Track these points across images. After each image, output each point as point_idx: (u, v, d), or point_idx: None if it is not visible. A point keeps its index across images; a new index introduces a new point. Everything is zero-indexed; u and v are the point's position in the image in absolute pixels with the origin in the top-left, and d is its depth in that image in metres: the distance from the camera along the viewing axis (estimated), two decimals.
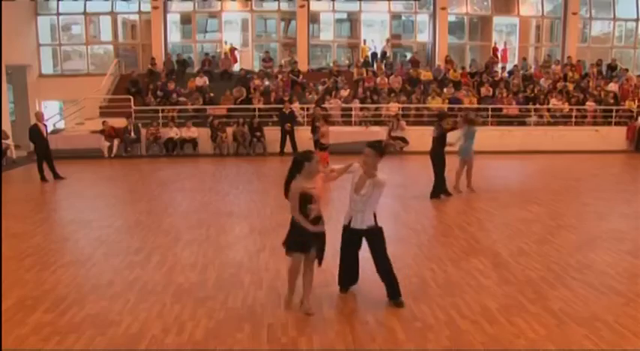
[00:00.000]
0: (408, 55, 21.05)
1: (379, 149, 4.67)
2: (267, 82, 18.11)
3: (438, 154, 9.18)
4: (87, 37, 20.03)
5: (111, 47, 20.41)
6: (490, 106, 17.34)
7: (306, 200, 4.43)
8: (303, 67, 19.47)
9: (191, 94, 17.37)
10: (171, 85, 17.45)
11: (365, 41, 20.34)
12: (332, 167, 4.95)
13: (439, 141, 9.15)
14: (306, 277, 4.69)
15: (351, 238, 4.89)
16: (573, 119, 17.57)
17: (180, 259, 6.12)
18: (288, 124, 15.80)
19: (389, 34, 20.84)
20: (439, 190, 9.32)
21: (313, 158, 4.47)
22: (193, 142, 15.93)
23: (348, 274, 5.05)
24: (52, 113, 18.21)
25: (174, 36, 20.99)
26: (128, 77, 18.28)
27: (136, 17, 20.44)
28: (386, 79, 18.36)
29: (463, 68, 19.48)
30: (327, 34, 21.22)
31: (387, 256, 4.88)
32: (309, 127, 16.25)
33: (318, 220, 4.52)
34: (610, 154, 16.33)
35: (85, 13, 19.58)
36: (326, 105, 16.98)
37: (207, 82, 17.88)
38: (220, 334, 4.24)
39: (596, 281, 5.36)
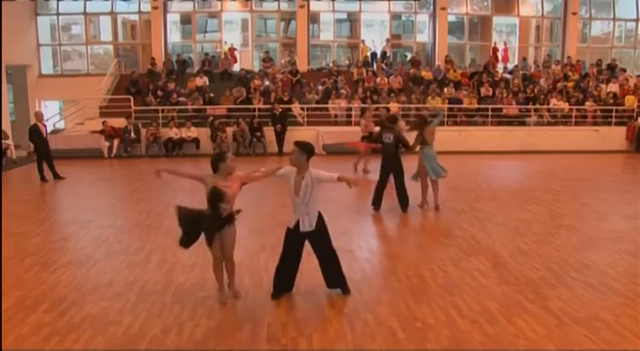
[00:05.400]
0: (409, 55, 21.07)
1: (304, 148, 4.69)
2: (267, 82, 18.12)
3: (397, 160, 8.41)
4: (87, 37, 20.03)
5: (111, 47, 20.39)
6: (490, 106, 17.35)
7: (217, 197, 4.58)
8: (303, 67, 19.47)
9: (191, 94, 17.36)
10: (171, 85, 17.44)
11: (364, 41, 20.32)
12: (261, 169, 5.05)
13: (396, 146, 8.38)
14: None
15: (296, 241, 4.85)
16: (573, 119, 17.58)
17: (181, 259, 6.11)
18: (279, 125, 15.81)
19: (389, 34, 20.84)
20: (405, 199, 8.50)
21: (227, 158, 4.69)
22: (195, 141, 15.94)
23: (286, 279, 4.96)
24: (52, 113, 18.21)
25: (175, 36, 21.00)
26: (128, 77, 18.28)
27: (135, 17, 20.43)
28: (386, 79, 18.37)
29: (465, 68, 19.52)
30: (327, 34, 21.22)
31: (334, 249, 4.96)
32: (310, 128, 16.36)
33: (229, 218, 4.71)
34: (610, 154, 16.33)
35: (85, 13, 19.58)
36: (329, 105, 17.04)
37: (207, 82, 17.88)
38: (220, 334, 4.25)
39: (596, 281, 5.36)
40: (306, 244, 4.94)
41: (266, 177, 5.00)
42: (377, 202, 8.51)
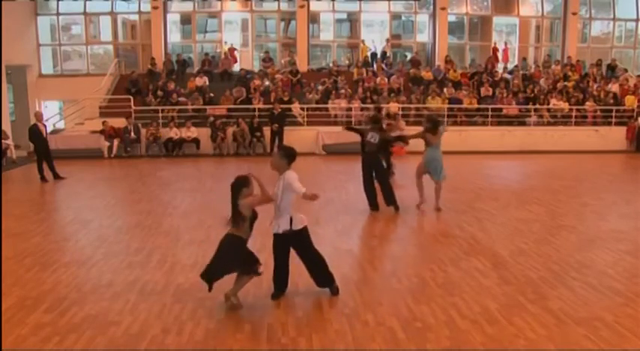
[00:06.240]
0: (408, 55, 21.07)
1: (285, 152, 4.76)
2: (267, 82, 18.12)
3: (379, 162, 8.35)
4: (87, 37, 20.03)
5: (111, 47, 20.41)
6: (490, 106, 17.35)
7: (253, 218, 4.69)
8: (303, 67, 19.47)
9: (191, 94, 17.37)
10: (171, 85, 17.45)
11: (364, 41, 20.32)
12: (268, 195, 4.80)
13: (379, 147, 8.32)
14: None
15: (277, 241, 4.89)
16: (573, 119, 17.59)
17: (181, 259, 6.12)
18: (276, 125, 15.83)
19: (389, 34, 20.84)
20: (393, 199, 8.41)
21: (251, 183, 4.63)
22: (196, 141, 15.95)
23: (281, 278, 4.98)
24: (52, 113, 18.23)
25: (175, 36, 21.00)
26: (128, 77, 18.29)
27: (135, 17, 20.44)
28: (386, 79, 18.37)
29: (465, 68, 19.53)
30: (327, 34, 21.23)
31: (315, 253, 4.94)
32: (310, 128, 16.38)
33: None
34: (610, 154, 16.34)
35: (85, 13, 19.58)
36: (329, 105, 17.05)
37: (207, 82, 17.88)
38: (220, 334, 4.25)
39: (595, 281, 5.36)
40: None
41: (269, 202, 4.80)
42: (373, 204, 8.46)
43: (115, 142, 15.80)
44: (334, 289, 5.01)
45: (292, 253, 4.97)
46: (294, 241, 4.86)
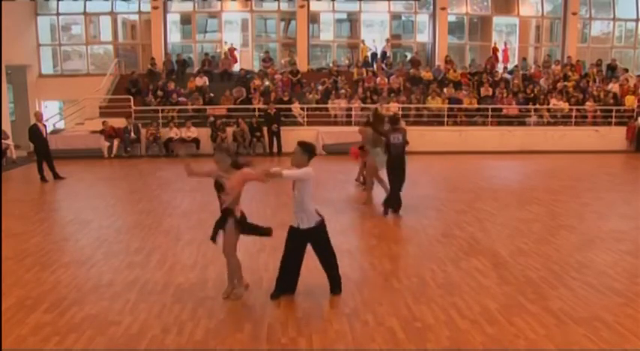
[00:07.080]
0: (408, 55, 21.07)
1: (306, 148, 4.75)
2: (267, 82, 18.12)
3: (404, 163, 8.12)
4: (87, 37, 20.01)
5: (111, 47, 20.39)
6: (490, 106, 17.35)
7: (217, 188, 4.80)
8: (303, 67, 19.47)
9: (191, 94, 17.37)
10: (171, 85, 17.44)
11: (364, 41, 20.31)
12: (271, 170, 4.72)
13: (404, 148, 8.15)
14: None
15: (297, 240, 4.85)
16: (573, 119, 17.59)
17: (180, 259, 6.12)
18: (275, 125, 15.82)
19: (389, 34, 20.84)
20: (396, 201, 8.24)
21: (220, 152, 4.81)
22: (196, 141, 15.94)
23: (288, 280, 4.96)
24: (52, 113, 18.22)
25: (175, 36, 20.98)
26: (128, 77, 18.28)
27: (135, 17, 20.42)
28: (386, 80, 18.37)
29: (465, 68, 19.53)
30: (327, 34, 21.21)
31: (332, 250, 5.00)
32: (310, 128, 16.38)
33: (228, 212, 4.81)
34: (610, 154, 16.34)
35: (85, 13, 19.56)
36: (329, 105, 17.04)
37: (207, 82, 17.87)
38: (220, 334, 4.25)
39: (595, 281, 5.36)
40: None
41: (271, 178, 4.72)
42: (395, 206, 8.28)
43: (115, 142, 15.80)
44: (338, 290, 5.03)
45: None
46: (316, 236, 4.85)
